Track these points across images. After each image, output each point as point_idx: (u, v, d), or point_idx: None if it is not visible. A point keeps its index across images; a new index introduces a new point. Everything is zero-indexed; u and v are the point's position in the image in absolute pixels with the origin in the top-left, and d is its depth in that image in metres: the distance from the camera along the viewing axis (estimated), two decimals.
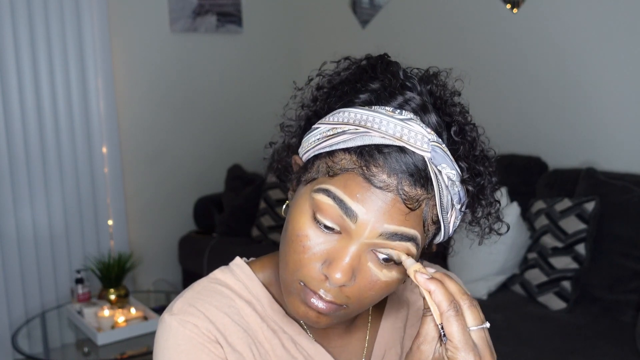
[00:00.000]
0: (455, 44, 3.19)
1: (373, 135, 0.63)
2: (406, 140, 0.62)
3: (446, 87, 0.71)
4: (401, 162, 0.62)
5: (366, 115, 0.64)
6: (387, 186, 0.62)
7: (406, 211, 0.63)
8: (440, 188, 0.64)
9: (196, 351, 0.69)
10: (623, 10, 2.54)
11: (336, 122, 0.66)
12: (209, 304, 0.73)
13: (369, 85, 0.67)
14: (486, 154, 0.71)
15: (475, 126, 0.71)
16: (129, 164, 3.41)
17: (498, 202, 0.74)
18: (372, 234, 0.63)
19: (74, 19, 3.06)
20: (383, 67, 0.69)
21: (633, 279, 2.25)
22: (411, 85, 0.66)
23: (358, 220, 0.63)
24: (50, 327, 2.79)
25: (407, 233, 0.63)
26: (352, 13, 3.66)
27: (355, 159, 0.63)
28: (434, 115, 0.65)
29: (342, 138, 0.64)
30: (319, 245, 0.65)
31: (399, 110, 0.64)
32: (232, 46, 3.72)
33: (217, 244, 3.30)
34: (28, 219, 3.02)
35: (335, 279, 0.63)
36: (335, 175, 0.64)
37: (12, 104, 2.94)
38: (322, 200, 0.64)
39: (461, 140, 0.66)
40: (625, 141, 2.59)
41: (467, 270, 2.51)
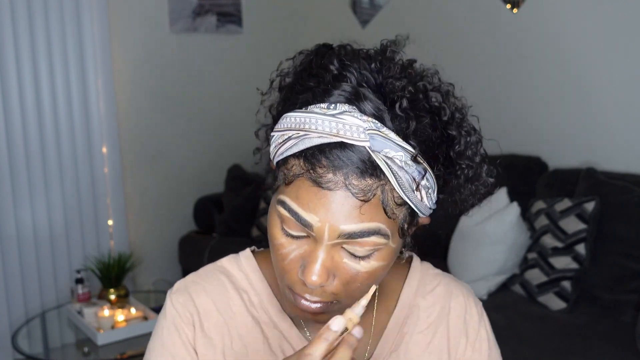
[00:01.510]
0: (455, 43, 3.19)
1: (312, 137, 0.62)
2: (343, 134, 0.61)
3: (393, 60, 0.68)
4: (343, 157, 0.61)
5: (303, 117, 0.63)
6: (335, 184, 0.61)
7: (360, 204, 0.62)
8: (394, 171, 0.62)
9: (173, 329, 0.77)
10: (624, 11, 2.54)
11: (282, 128, 0.65)
12: (201, 288, 0.78)
13: (306, 84, 0.66)
14: (461, 113, 0.70)
15: (441, 87, 0.69)
16: (129, 164, 3.41)
17: (484, 160, 0.72)
18: (332, 237, 0.63)
19: (74, 19, 3.06)
20: (318, 62, 0.68)
21: (633, 279, 2.24)
22: (347, 74, 0.65)
23: (314, 228, 0.63)
24: (50, 327, 2.79)
25: (367, 229, 0.63)
26: (352, 13, 3.66)
27: (302, 164, 0.63)
28: (371, 101, 0.63)
29: (289, 144, 0.64)
30: (294, 252, 0.66)
31: (333, 105, 0.63)
32: (232, 46, 3.71)
33: (217, 244, 3.31)
34: (28, 219, 3.02)
35: (311, 281, 0.64)
36: (290, 182, 0.64)
37: (12, 104, 2.94)
38: (283, 213, 0.65)
39: (411, 115, 0.63)
40: (625, 141, 2.59)
41: (467, 270, 2.51)
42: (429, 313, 0.82)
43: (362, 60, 0.67)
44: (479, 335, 0.83)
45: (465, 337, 0.82)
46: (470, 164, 0.70)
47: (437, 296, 0.83)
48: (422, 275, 0.85)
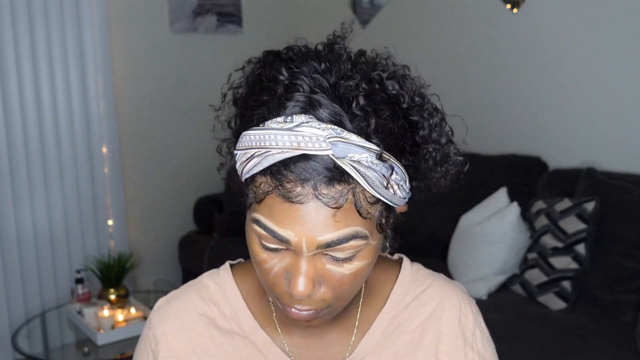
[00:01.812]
0: (455, 44, 3.19)
1: (274, 153, 0.61)
2: (304, 146, 0.60)
3: (342, 57, 0.67)
4: (308, 169, 0.60)
5: (262, 134, 0.62)
6: (305, 197, 0.61)
7: (333, 212, 0.61)
8: (362, 173, 0.61)
9: (143, 347, 0.82)
10: (622, 11, 2.54)
11: (244, 147, 0.64)
12: (175, 306, 0.82)
13: (259, 99, 0.65)
14: (420, 96, 0.69)
15: (397, 72, 0.68)
16: (129, 164, 3.41)
17: (450, 140, 0.71)
18: (310, 249, 0.63)
19: (74, 19, 3.06)
20: (267, 74, 0.66)
21: (633, 279, 2.24)
22: (298, 82, 0.63)
23: (292, 243, 0.63)
24: (50, 327, 2.79)
25: (343, 235, 0.62)
26: (352, 13, 3.66)
27: (269, 181, 0.62)
28: (326, 107, 0.61)
29: (253, 163, 0.63)
30: (277, 265, 0.66)
31: (290, 117, 0.61)
32: (232, 46, 3.71)
33: (217, 244, 3.31)
34: (28, 219, 3.02)
35: (298, 293, 0.64)
36: (261, 200, 0.64)
37: (12, 104, 2.93)
38: (258, 231, 0.65)
39: (370, 112, 0.62)
40: (625, 141, 2.59)
41: (467, 270, 2.51)
42: (419, 313, 0.82)
43: (310, 62, 0.65)
44: (475, 335, 0.82)
45: (462, 338, 0.81)
46: (437, 146, 0.69)
47: (429, 297, 0.83)
48: (413, 275, 0.84)
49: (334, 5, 3.76)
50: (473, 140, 3.43)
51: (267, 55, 0.70)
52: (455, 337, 0.81)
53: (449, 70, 3.22)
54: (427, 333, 0.81)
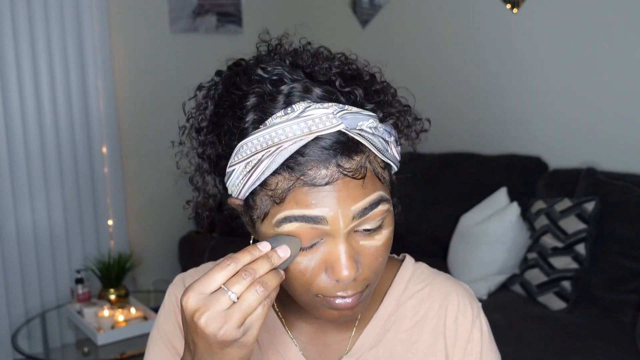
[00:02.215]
0: (455, 44, 3.19)
1: (286, 146, 0.62)
2: (315, 129, 0.62)
3: (297, 52, 0.70)
4: (324, 149, 0.62)
5: (267, 134, 0.62)
6: (331, 177, 0.62)
7: (360, 182, 0.64)
8: (370, 140, 0.65)
9: (167, 316, 0.84)
10: (622, 10, 2.54)
11: (246, 156, 0.64)
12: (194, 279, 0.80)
13: (246, 106, 0.65)
14: (370, 73, 0.71)
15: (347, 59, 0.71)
16: (129, 164, 3.41)
17: (407, 105, 0.74)
18: (346, 222, 0.64)
19: (74, 19, 3.06)
20: (244, 79, 0.67)
21: (633, 279, 2.24)
22: (278, 76, 0.65)
23: (328, 220, 0.63)
24: (50, 327, 2.79)
25: (373, 200, 0.65)
26: (352, 13, 3.66)
27: (288, 176, 0.62)
28: (317, 87, 0.64)
29: (263, 166, 0.63)
30: (311, 261, 0.66)
31: (290, 108, 0.63)
32: (232, 46, 3.71)
33: (217, 244, 3.31)
34: (28, 219, 3.02)
35: (345, 277, 0.64)
36: (282, 200, 0.63)
37: (12, 104, 2.93)
38: (290, 229, 0.64)
39: (352, 84, 0.66)
40: (625, 141, 2.59)
41: (467, 270, 2.51)
42: (415, 312, 0.82)
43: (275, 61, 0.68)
44: (472, 337, 0.81)
45: (454, 338, 0.80)
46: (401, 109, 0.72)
47: (427, 296, 0.83)
48: (413, 274, 0.84)
49: (334, 5, 3.76)
50: (473, 140, 3.45)
51: (230, 68, 0.71)
52: (452, 336, 0.81)
53: (448, 70, 3.22)
54: (424, 331, 0.81)
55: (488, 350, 0.82)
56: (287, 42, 0.72)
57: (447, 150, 3.04)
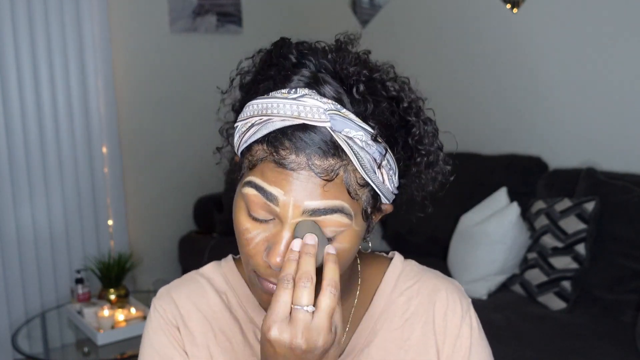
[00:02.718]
0: (455, 44, 3.19)
1: (275, 121, 0.65)
2: (304, 116, 0.64)
3: (348, 51, 0.71)
4: (305, 138, 0.64)
5: (265, 103, 0.66)
6: (298, 165, 0.64)
7: (323, 183, 0.64)
8: (355, 152, 0.65)
9: (158, 330, 0.80)
10: (622, 10, 2.54)
11: (245, 117, 0.68)
12: (182, 292, 0.82)
13: (267, 74, 0.69)
14: (417, 104, 0.72)
15: (399, 79, 0.72)
16: (129, 164, 3.41)
17: (440, 148, 0.75)
18: (296, 213, 0.64)
19: (74, 19, 3.06)
20: (277, 52, 0.71)
21: (633, 279, 2.24)
22: (306, 62, 0.68)
23: (279, 202, 0.65)
24: (50, 327, 2.79)
25: (330, 206, 0.65)
26: (352, 13, 3.66)
27: (265, 148, 0.66)
28: (330, 84, 0.66)
29: (252, 131, 0.67)
30: (259, 235, 0.68)
31: (294, 89, 0.66)
32: (232, 46, 3.71)
33: (217, 244, 3.31)
34: (28, 219, 3.02)
35: (276, 263, 0.65)
36: (254, 167, 0.67)
37: (12, 104, 2.93)
38: (248, 192, 0.67)
39: (369, 98, 0.66)
40: (625, 141, 2.59)
41: (467, 270, 2.51)
42: (405, 309, 0.82)
43: (319, 51, 0.69)
44: (461, 333, 0.81)
45: (444, 334, 0.80)
46: (430, 148, 0.73)
47: (416, 292, 0.83)
48: (402, 271, 0.85)
49: (334, 5, 3.76)
50: (473, 140, 3.45)
51: (279, 41, 0.74)
52: (441, 332, 0.81)
53: (448, 70, 3.22)
54: (415, 328, 0.81)
55: (478, 346, 0.81)
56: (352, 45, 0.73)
57: (447, 150, 3.04)
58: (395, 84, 0.71)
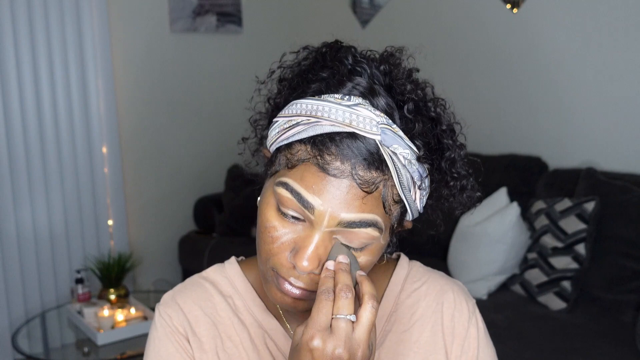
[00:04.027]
0: (455, 44, 3.19)
1: (324, 125, 0.64)
2: (355, 125, 0.63)
3: (399, 66, 0.71)
4: (353, 147, 0.63)
5: (316, 105, 0.65)
6: (342, 173, 0.63)
7: (363, 195, 0.64)
8: (397, 168, 0.65)
9: (165, 338, 0.78)
10: (622, 10, 2.54)
11: (290, 114, 0.67)
12: (187, 297, 0.81)
13: (319, 75, 0.68)
14: (453, 127, 0.72)
15: (438, 100, 0.72)
16: (129, 164, 3.41)
17: (470, 174, 0.74)
18: (331, 223, 0.64)
19: (74, 19, 3.06)
20: (332, 55, 0.70)
21: (633, 279, 2.24)
22: (361, 70, 0.67)
23: (315, 211, 0.64)
24: (50, 327, 2.79)
25: (365, 219, 0.65)
26: (352, 13, 3.66)
27: (309, 149, 0.65)
28: (383, 97, 0.66)
29: (296, 130, 0.66)
30: (286, 235, 0.67)
31: (348, 96, 0.65)
32: (232, 46, 3.71)
33: (217, 244, 3.31)
34: (28, 219, 3.02)
35: (302, 267, 0.65)
36: (293, 167, 0.66)
37: (12, 104, 2.94)
38: (282, 194, 0.66)
39: (417, 118, 0.67)
40: (625, 141, 2.59)
41: (467, 270, 2.51)
42: (414, 311, 0.82)
43: (371, 61, 0.69)
44: (469, 333, 0.81)
45: (452, 335, 0.81)
46: (462, 172, 0.73)
47: (424, 294, 0.83)
48: (409, 272, 0.85)
49: (334, 5, 3.76)
50: (473, 140, 3.43)
51: (333, 43, 0.73)
52: (449, 333, 0.81)
53: (448, 70, 3.22)
54: (425, 329, 0.81)
55: (485, 346, 0.82)
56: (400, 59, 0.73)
57: None
58: (436, 106, 0.71)
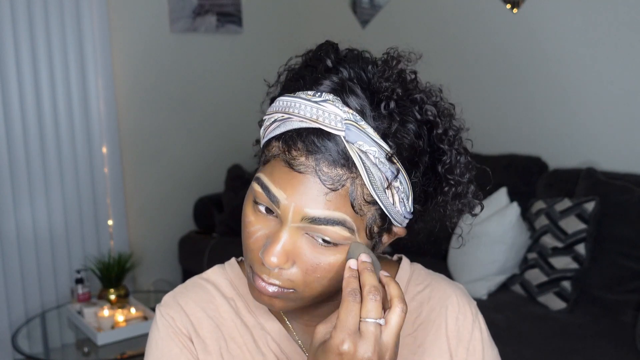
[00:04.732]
0: (455, 44, 3.19)
1: (294, 121, 0.65)
2: (321, 121, 0.63)
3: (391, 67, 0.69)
4: (319, 143, 0.63)
5: (288, 101, 0.66)
6: (306, 168, 0.63)
7: (326, 191, 0.63)
8: (367, 167, 0.64)
9: (168, 340, 0.77)
10: (622, 10, 2.54)
11: (271, 112, 0.69)
12: (189, 298, 0.80)
13: (300, 73, 0.70)
14: (455, 132, 0.71)
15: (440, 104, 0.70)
16: (129, 164, 3.41)
17: (471, 182, 0.73)
18: (296, 218, 0.64)
19: (74, 19, 3.06)
20: (316, 55, 0.70)
21: (633, 279, 2.25)
22: (341, 69, 0.67)
23: (280, 205, 0.65)
24: (50, 327, 2.79)
25: (331, 217, 0.64)
26: (352, 13, 3.66)
27: (280, 145, 0.66)
28: (357, 95, 0.65)
29: (273, 127, 0.67)
30: (260, 230, 0.68)
31: (319, 93, 0.65)
32: (232, 46, 3.71)
33: (217, 244, 3.30)
34: (28, 219, 3.02)
35: (269, 262, 0.65)
36: (267, 162, 0.67)
37: (12, 104, 2.93)
38: (255, 188, 0.67)
39: (395, 118, 0.65)
40: (625, 141, 2.59)
41: (467, 270, 2.51)
42: (417, 314, 0.82)
43: (361, 60, 0.69)
44: (473, 336, 0.82)
45: (457, 338, 0.81)
46: (460, 179, 0.71)
47: (427, 298, 0.83)
48: (411, 276, 0.85)
49: (334, 5, 3.76)
50: (473, 140, 3.42)
51: (324, 43, 0.73)
52: (454, 337, 0.81)
53: (449, 70, 3.22)
54: (428, 333, 0.81)
55: (489, 348, 0.83)
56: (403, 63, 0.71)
57: None
58: (435, 109, 0.69)
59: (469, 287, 2.39)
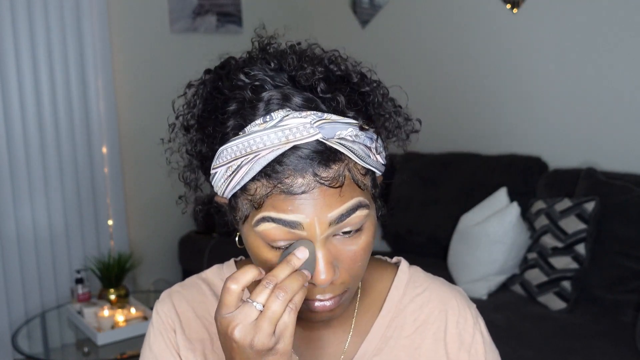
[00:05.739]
0: (455, 44, 3.19)
1: (265, 155, 0.63)
2: (292, 139, 0.62)
3: (285, 54, 0.69)
4: (302, 158, 0.63)
5: (245, 142, 0.63)
6: (307, 185, 0.63)
7: (335, 191, 0.64)
8: (350, 148, 0.65)
9: (157, 334, 0.81)
10: (622, 10, 2.54)
11: (226, 161, 0.65)
12: (183, 297, 0.83)
13: (227, 111, 0.66)
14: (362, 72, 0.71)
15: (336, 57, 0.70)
16: (129, 164, 3.41)
17: (399, 106, 0.74)
18: (323, 229, 0.64)
19: (74, 19, 3.06)
20: (227, 84, 0.68)
21: (633, 279, 2.24)
22: (262, 84, 0.65)
23: (305, 226, 0.64)
24: (50, 327, 2.79)
25: (350, 207, 0.65)
26: (352, 13, 3.66)
27: (266, 183, 0.64)
28: (298, 95, 0.64)
29: (242, 172, 0.65)
30: None
31: (268, 116, 0.63)
32: (232, 46, 3.69)
33: (217, 244, 3.31)
34: (28, 219, 3.02)
35: (322, 281, 0.65)
36: (260, 205, 0.65)
37: (12, 104, 2.93)
38: (266, 228, 0.65)
39: (335, 92, 0.65)
40: (625, 141, 2.59)
41: (467, 270, 2.51)
42: (416, 317, 0.81)
43: (258, 64, 0.68)
44: (474, 339, 0.81)
45: (459, 341, 0.81)
46: (393, 110, 0.72)
47: (426, 300, 0.82)
48: (410, 278, 0.84)
49: (334, 5, 3.76)
50: (473, 140, 3.45)
51: (213, 72, 0.72)
52: (454, 340, 0.81)
53: (448, 70, 3.22)
54: (426, 336, 0.81)
55: (490, 351, 0.83)
56: (276, 43, 0.72)
57: (447, 150, 3.04)
58: (336, 64, 0.69)
59: (469, 287, 2.39)
